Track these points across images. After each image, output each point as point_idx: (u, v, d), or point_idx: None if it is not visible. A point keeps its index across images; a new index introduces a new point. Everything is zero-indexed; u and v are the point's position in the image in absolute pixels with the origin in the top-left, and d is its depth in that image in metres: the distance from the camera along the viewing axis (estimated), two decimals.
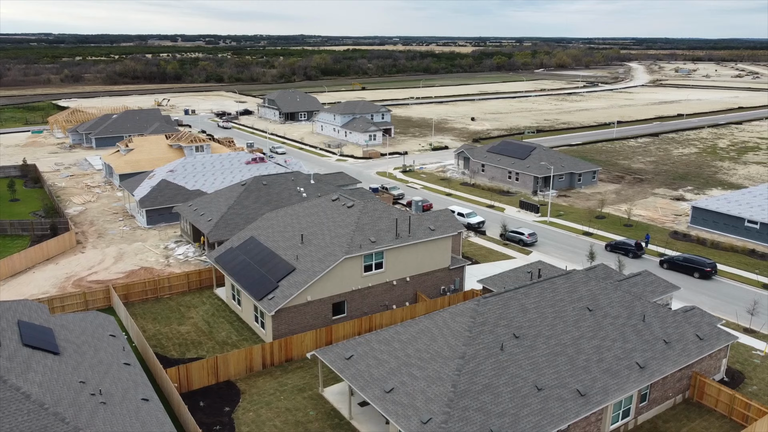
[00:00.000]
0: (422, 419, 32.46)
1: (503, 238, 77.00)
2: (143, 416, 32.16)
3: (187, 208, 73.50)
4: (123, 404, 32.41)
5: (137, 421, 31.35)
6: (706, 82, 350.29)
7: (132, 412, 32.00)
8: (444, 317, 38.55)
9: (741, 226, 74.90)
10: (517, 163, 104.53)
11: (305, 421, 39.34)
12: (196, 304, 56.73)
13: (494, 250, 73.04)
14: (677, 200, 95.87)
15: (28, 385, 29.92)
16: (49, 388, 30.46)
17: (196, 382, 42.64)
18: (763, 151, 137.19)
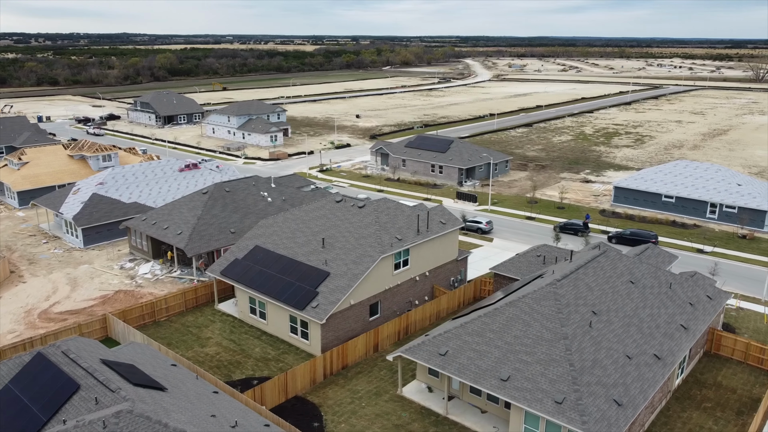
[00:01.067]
0: (556, 399, 34.05)
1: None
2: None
3: (142, 223, 67.24)
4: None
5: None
6: (540, 75, 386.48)
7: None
8: (527, 303, 40.29)
9: (659, 201, 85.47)
10: (439, 156, 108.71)
11: (402, 423, 38.96)
12: (203, 323, 52.60)
13: (459, 240, 75.99)
14: (586, 182, 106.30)
15: (184, 426, 26.67)
16: (203, 427, 27.40)
17: (269, 402, 40.12)
18: (625, 136, 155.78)
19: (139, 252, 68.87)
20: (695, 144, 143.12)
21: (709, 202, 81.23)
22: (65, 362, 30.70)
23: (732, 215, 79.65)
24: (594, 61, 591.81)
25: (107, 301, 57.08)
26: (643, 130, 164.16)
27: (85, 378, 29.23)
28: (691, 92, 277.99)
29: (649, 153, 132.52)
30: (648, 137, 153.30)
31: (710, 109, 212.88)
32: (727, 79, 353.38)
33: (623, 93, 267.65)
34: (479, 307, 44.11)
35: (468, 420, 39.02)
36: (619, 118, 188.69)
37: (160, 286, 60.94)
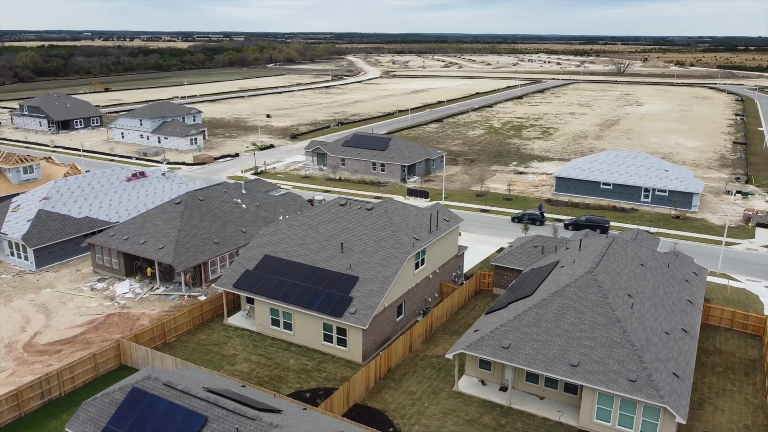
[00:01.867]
0: (630, 378, 36.71)
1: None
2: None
3: (111, 239, 62.26)
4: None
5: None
6: (427, 72, 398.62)
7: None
8: (573, 292, 42.74)
9: (597, 188, 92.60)
10: (380, 154, 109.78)
11: (473, 418, 39.94)
12: (220, 340, 50.03)
13: None
14: (519, 174, 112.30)
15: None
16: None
17: (338, 412, 39.38)
18: (532, 128, 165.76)
19: (107, 270, 63.58)
20: (597, 134, 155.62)
21: (643, 187, 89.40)
22: (174, 395, 28.34)
23: (663, 198, 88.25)
24: (470, 57, 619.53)
25: (99, 326, 52.40)
26: (545, 123, 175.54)
27: (209, 409, 27.24)
28: (569, 86, 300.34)
29: (560, 144, 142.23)
30: (552, 129, 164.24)
31: (593, 101, 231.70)
32: (594, 73, 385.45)
33: (511, 87, 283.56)
34: (515, 299, 45.99)
35: (531, 407, 40.80)
36: (518, 112, 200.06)
37: (147, 305, 56.88)
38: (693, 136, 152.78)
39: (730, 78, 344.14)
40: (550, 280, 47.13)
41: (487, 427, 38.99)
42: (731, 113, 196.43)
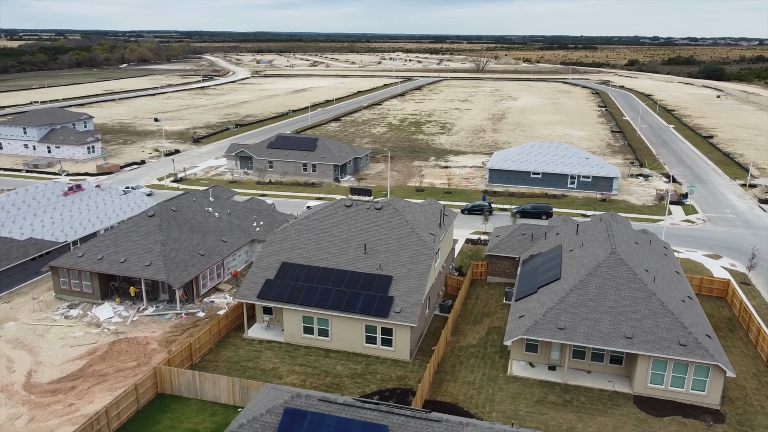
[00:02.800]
0: (681, 343, 40.97)
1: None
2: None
3: (81, 260, 56.34)
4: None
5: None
6: (299, 71, 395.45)
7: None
8: (604, 272, 46.42)
9: (528, 177, 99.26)
10: (309, 155, 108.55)
11: (541, 398, 42.13)
12: (251, 355, 47.57)
13: None
14: (444, 168, 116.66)
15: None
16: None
17: None
18: (429, 124, 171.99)
19: (75, 295, 57.28)
20: (492, 128, 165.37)
21: (569, 175, 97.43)
22: (337, 408, 27.15)
23: (588, 183, 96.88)
24: (331, 56, 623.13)
25: (106, 356, 47.38)
26: (439, 119, 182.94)
27: (385, 418, 26.52)
28: (440, 83, 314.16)
29: (464, 138, 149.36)
30: (449, 124, 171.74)
31: (470, 97, 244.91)
32: (457, 71, 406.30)
33: (389, 85, 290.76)
34: (544, 284, 48.87)
35: (584, 381, 43.89)
36: (408, 109, 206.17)
37: (144, 328, 52.32)
38: (575, 126, 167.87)
39: (575, 74, 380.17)
40: (568, 263, 50.65)
41: (556, 405, 41.42)
42: (595, 105, 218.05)
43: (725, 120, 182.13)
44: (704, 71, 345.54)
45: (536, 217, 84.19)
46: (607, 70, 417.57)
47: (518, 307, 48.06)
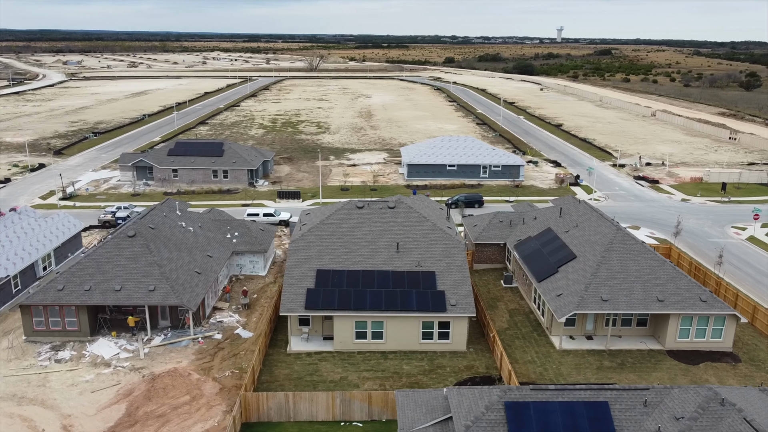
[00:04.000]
0: (702, 299, 47.78)
1: None
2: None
3: (64, 294, 49.08)
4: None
5: None
6: (125, 72, 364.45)
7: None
8: (619, 247, 52.00)
9: (444, 170, 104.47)
10: (218, 160, 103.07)
11: (600, 366, 46.40)
12: (308, 369, 45.50)
13: None
14: (353, 166, 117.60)
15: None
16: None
17: None
18: (303, 124, 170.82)
19: (55, 335, 49.58)
20: (369, 125, 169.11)
21: (482, 165, 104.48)
22: (552, 395, 28.06)
23: (498, 172, 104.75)
24: (147, 55, 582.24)
25: (150, 395, 42.05)
26: (309, 118, 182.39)
27: (600, 394, 28.12)
28: (282, 82, 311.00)
29: (348, 136, 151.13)
30: (324, 123, 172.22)
31: (324, 96, 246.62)
32: (291, 69, 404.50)
33: (232, 86, 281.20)
34: (563, 263, 53.31)
35: (621, 345, 49.03)
36: (270, 109, 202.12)
37: (165, 360, 47.22)
38: (441, 120, 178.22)
39: (404, 71, 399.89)
40: (573, 243, 55.72)
41: (615, 368, 45.99)
42: (444, 100, 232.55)
43: (560, 110, 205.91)
44: (517, 67, 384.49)
45: (469, 207, 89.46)
46: (433, 67, 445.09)
47: (547, 286, 51.91)
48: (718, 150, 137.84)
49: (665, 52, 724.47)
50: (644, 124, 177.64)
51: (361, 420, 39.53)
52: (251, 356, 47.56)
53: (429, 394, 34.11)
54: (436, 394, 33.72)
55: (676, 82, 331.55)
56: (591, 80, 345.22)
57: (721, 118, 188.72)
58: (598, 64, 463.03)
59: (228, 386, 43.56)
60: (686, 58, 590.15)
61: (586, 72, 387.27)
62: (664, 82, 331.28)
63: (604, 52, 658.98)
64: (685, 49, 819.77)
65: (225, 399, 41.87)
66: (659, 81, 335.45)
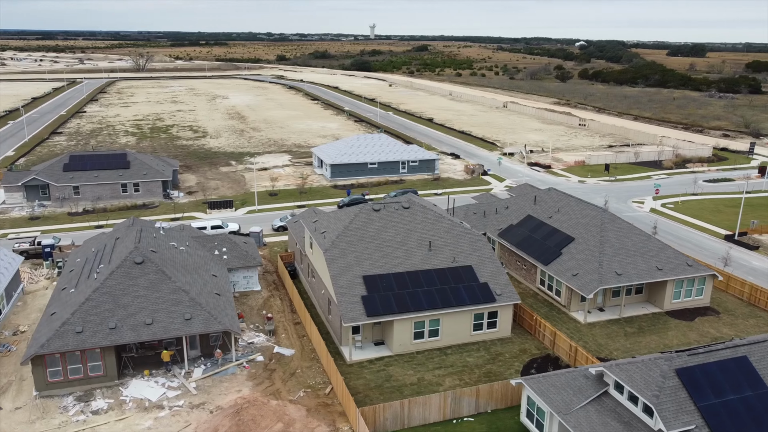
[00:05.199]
0: (688, 263, 55.71)
1: (281, 229, 79.93)
2: None
3: (83, 336, 43.26)
4: None
5: None
6: None
7: None
8: (610, 227, 58.24)
9: (366, 168, 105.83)
10: (126, 173, 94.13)
11: (626, 333, 52.04)
12: (379, 378, 45.09)
13: None
14: (263, 170, 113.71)
15: None
16: None
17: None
18: (175, 129, 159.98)
19: (75, 385, 43.30)
20: (251, 127, 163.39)
21: (400, 161, 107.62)
22: (703, 357, 31.89)
23: (416, 167, 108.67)
24: None
25: (241, 428, 38.76)
26: (176, 122, 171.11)
27: (737, 350, 32.55)
28: (115, 84, 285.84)
29: (234, 139, 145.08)
30: (198, 127, 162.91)
31: (176, 98, 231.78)
32: (115, 70, 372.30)
33: (60, 90, 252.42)
34: (564, 245, 58.35)
35: (629, 312, 55.24)
36: (123, 114, 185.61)
37: (220, 391, 43.73)
38: (320, 119, 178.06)
39: (241, 69, 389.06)
40: (563, 227, 61.09)
41: (638, 333, 51.96)
42: (306, 99, 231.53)
43: (420, 105, 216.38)
44: (355, 64, 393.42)
45: None
46: (269, 66, 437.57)
47: (557, 268, 56.58)
48: (577, 135, 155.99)
49: (472, 48, 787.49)
50: (502, 114, 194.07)
51: (469, 415, 40.63)
52: (311, 373, 45.91)
53: (563, 376, 36.48)
54: (575, 373, 36.21)
55: (500, 76, 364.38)
56: (426, 75, 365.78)
57: (557, 106, 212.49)
58: (424, 60, 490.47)
59: (312, 406, 41.82)
60: (494, 53, 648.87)
61: (417, 68, 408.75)
62: (491, 76, 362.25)
63: (421, 48, 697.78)
64: (488, 45, 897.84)
65: (321, 419, 40.23)
66: (486, 75, 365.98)
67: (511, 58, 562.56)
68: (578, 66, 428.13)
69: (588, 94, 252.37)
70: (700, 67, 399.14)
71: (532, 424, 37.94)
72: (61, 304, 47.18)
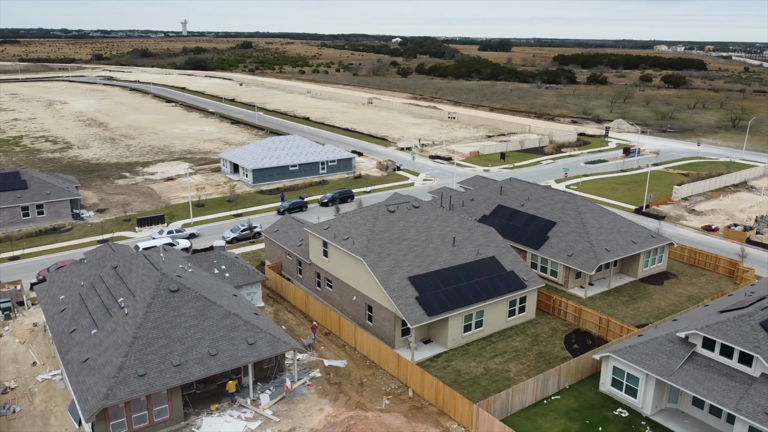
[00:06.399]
0: (652, 236, 63.95)
1: (235, 241, 76.00)
2: None
3: (144, 380, 38.80)
4: None
5: None
6: None
7: None
8: (585, 209, 64.50)
9: (287, 171, 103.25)
10: (25, 194, 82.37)
11: (623, 302, 58.41)
12: (451, 372, 45.98)
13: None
14: (170, 180, 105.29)
15: None
16: None
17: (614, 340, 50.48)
18: (26, 139, 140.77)
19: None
20: (122, 135, 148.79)
21: (320, 162, 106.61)
22: None
23: (335, 166, 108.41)
24: None
25: None
26: (24, 133, 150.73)
27: None
28: None
29: (109, 149, 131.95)
30: (53, 137, 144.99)
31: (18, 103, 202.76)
32: None
33: None
34: (547, 231, 63.46)
35: (614, 284, 61.90)
36: None
37: (301, 413, 41.70)
38: (193, 123, 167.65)
39: (60, 71, 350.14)
40: (540, 213, 66.26)
41: (630, 301, 58.56)
42: (158, 101, 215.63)
43: (285, 103, 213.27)
44: (190, 63, 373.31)
45: (343, 202, 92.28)
46: (91, 66, 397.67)
47: (550, 251, 61.46)
48: (453, 128, 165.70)
49: (295, 44, 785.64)
50: (372, 110, 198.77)
51: (555, 393, 43.47)
52: (379, 380, 45.48)
53: (649, 344, 40.73)
54: (659, 340, 40.55)
55: (341, 72, 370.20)
56: (268, 74, 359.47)
57: (421, 101, 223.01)
58: (258, 58, 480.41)
59: (404, 411, 41.70)
60: (320, 50, 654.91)
61: (256, 66, 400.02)
62: (332, 73, 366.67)
63: (245, 45, 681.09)
64: (311, 42, 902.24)
65: (424, 422, 40.37)
66: (329, 72, 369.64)
67: (340, 54, 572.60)
68: (408, 62, 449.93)
69: (437, 88, 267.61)
70: (516, 61, 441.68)
71: (619, 391, 41.90)
72: (93, 347, 41.21)
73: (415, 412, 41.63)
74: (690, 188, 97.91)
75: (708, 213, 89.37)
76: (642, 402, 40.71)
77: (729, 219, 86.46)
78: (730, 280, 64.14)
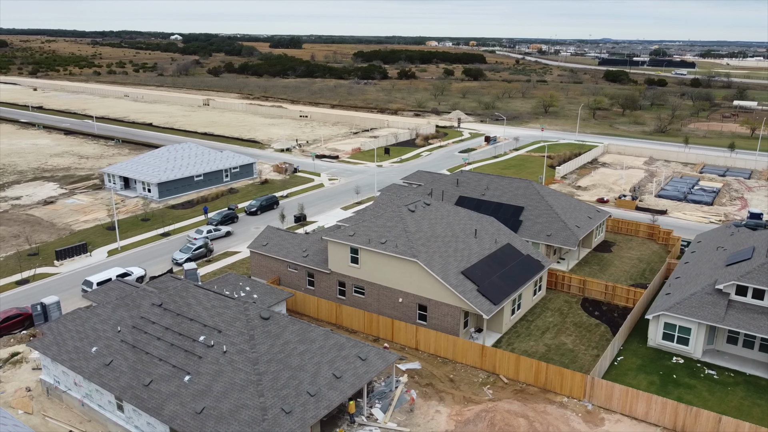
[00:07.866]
0: (589, 216, 73.55)
1: (194, 260, 70.08)
2: None
3: (287, 419, 36.06)
4: None
5: None
6: None
7: None
8: (547, 192, 71.62)
9: (192, 181, 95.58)
10: None
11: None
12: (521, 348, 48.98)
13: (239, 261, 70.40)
14: (50, 203, 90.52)
15: None
16: None
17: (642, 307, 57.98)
18: None
19: None
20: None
21: (224, 169, 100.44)
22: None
23: (238, 173, 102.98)
24: None
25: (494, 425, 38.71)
26: None
27: None
28: None
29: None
30: None
31: None
32: None
33: None
34: (521, 215, 69.32)
35: (580, 255, 70.12)
36: None
37: (421, 418, 41.68)
38: (19, 137, 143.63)
39: None
40: (506, 200, 71.77)
41: (602, 268, 67.03)
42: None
43: (111, 109, 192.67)
44: None
45: (269, 209, 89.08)
46: None
47: (529, 233, 67.06)
48: (313, 126, 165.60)
49: (59, 42, 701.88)
50: (215, 113, 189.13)
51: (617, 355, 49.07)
52: (463, 373, 46.86)
53: (692, 299, 48.03)
54: (699, 293, 48.01)
55: (141, 73, 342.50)
56: (53, 76, 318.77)
57: (257, 100, 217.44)
58: (27, 58, 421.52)
59: (510, 397, 43.83)
60: (95, 48, 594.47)
61: (38, 67, 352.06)
62: (132, 73, 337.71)
63: (1, 44, 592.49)
64: (77, 39, 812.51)
65: (538, 402, 43.00)
66: (128, 73, 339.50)
67: (123, 53, 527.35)
68: (205, 60, 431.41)
69: (267, 87, 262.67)
70: (318, 58, 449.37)
71: (671, 343, 48.84)
72: (199, 395, 36.37)
73: (520, 395, 44.07)
74: (565, 168, 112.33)
75: (591, 188, 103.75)
76: (694, 348, 48.13)
77: (609, 191, 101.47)
78: (653, 242, 76.37)
